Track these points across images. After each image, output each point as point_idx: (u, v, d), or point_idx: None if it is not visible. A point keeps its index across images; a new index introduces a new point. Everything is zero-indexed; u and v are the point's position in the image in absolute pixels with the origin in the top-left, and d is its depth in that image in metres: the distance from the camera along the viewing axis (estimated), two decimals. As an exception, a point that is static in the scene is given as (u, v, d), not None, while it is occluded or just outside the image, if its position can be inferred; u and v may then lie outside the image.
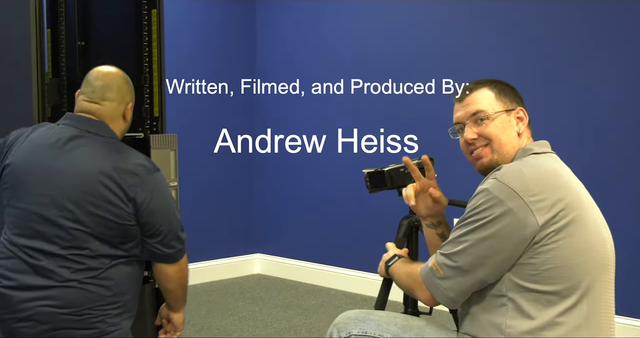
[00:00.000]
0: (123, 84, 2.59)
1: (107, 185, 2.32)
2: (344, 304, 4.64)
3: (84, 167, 2.35)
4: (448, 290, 1.89)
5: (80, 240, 2.32)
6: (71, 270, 2.31)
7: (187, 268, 2.58)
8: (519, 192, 1.79)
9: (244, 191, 5.58)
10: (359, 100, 4.88)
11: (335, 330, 2.10)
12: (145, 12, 3.36)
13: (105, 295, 2.34)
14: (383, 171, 2.67)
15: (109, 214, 2.32)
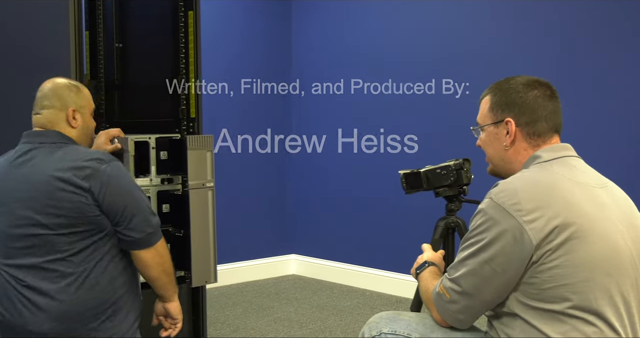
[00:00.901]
0: (63, 90, 2.55)
1: (60, 187, 2.32)
2: (378, 305, 4.62)
3: (37, 175, 2.36)
4: (456, 313, 1.90)
5: (52, 244, 2.33)
6: (51, 281, 2.32)
7: (166, 253, 2.50)
8: (512, 212, 1.76)
9: (280, 192, 5.59)
10: (397, 101, 4.87)
11: (367, 329, 2.13)
12: (181, 14, 3.38)
13: (91, 303, 2.34)
14: (419, 172, 2.66)
15: (72, 211, 2.32)
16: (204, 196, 3.26)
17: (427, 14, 4.69)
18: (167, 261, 2.50)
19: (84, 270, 2.34)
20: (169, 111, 3.39)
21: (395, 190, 3.42)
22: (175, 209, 3.30)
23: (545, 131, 1.94)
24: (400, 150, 4.81)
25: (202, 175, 3.25)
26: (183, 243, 3.26)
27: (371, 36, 5.04)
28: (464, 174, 2.59)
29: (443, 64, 4.58)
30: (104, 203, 2.35)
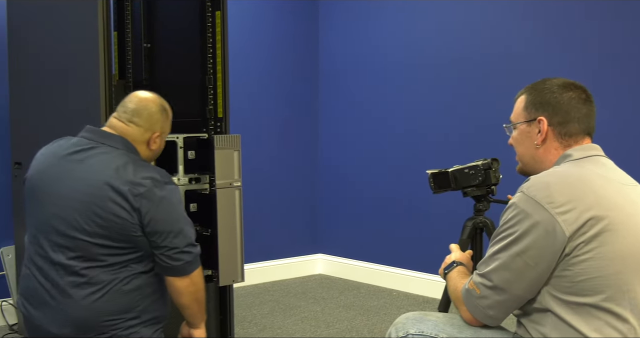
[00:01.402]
0: (155, 112, 2.56)
1: (112, 197, 2.32)
2: (405, 305, 4.60)
3: (93, 178, 2.36)
4: (487, 309, 1.89)
5: (84, 250, 2.34)
6: (77, 286, 2.34)
7: (201, 282, 2.49)
8: (544, 204, 1.76)
9: (307, 192, 5.60)
10: (423, 101, 4.85)
11: (394, 330, 2.12)
12: (209, 14, 3.40)
13: (111, 310, 2.34)
14: (447, 172, 2.64)
15: (114, 225, 2.32)
16: (231, 195, 3.27)
17: (453, 15, 4.66)
18: (200, 290, 2.49)
19: (112, 281, 2.35)
20: (196, 111, 3.41)
21: (423, 190, 3.42)
22: (203, 208, 3.32)
23: (577, 132, 1.95)
24: (428, 150, 4.79)
25: (229, 175, 3.27)
26: (210, 243, 3.27)
27: (397, 37, 5.02)
28: (493, 174, 2.57)
29: (469, 65, 4.55)
30: (148, 225, 2.35)
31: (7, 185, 4.06)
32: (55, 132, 3.41)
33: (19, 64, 3.80)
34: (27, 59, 3.73)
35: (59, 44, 3.47)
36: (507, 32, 4.38)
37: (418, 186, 4.70)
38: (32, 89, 3.68)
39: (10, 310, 4.12)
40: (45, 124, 3.59)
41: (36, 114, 3.68)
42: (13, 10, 3.81)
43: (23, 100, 3.77)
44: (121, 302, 2.35)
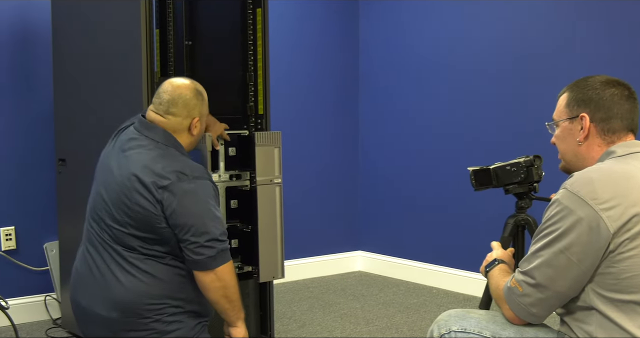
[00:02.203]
0: (191, 99, 2.58)
1: (137, 188, 2.38)
2: (446, 303, 4.58)
3: (126, 169, 2.43)
4: (529, 306, 1.87)
5: (120, 239, 2.42)
6: (119, 268, 2.41)
7: (229, 279, 2.47)
8: (588, 200, 1.74)
9: (347, 189, 5.59)
10: (464, 100, 4.81)
11: (436, 327, 2.11)
12: (250, 11, 3.41)
13: (154, 293, 2.39)
14: (489, 169, 2.62)
15: (140, 216, 2.38)
16: (271, 192, 3.28)
17: (491, 14, 4.61)
18: (229, 287, 2.47)
19: (153, 269, 2.41)
20: (237, 108, 3.42)
21: (464, 187, 3.39)
22: (243, 205, 3.33)
23: (619, 129, 1.94)
24: (470, 147, 4.76)
25: (269, 171, 3.28)
26: (251, 239, 3.29)
27: (437, 37, 4.98)
28: (535, 171, 2.54)
29: (510, 62, 4.50)
30: (170, 217, 2.38)
31: (52, 181, 4.13)
32: (98, 130, 3.47)
33: (63, 62, 3.86)
34: (71, 58, 3.78)
35: (102, 43, 3.51)
36: (549, 29, 4.32)
37: (459, 183, 4.67)
38: (76, 87, 3.73)
39: (54, 304, 4.19)
40: (88, 122, 3.64)
41: (79, 112, 3.73)
42: (57, 10, 3.87)
43: (67, 98, 3.83)
44: (164, 288, 2.41)
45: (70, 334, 3.89)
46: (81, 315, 2.50)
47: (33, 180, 4.19)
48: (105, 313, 2.40)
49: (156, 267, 2.41)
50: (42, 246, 4.20)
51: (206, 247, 2.39)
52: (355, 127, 5.58)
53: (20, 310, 4.01)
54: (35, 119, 4.19)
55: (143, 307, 2.37)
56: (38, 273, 4.20)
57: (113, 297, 2.38)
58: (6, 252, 4.10)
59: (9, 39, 4.11)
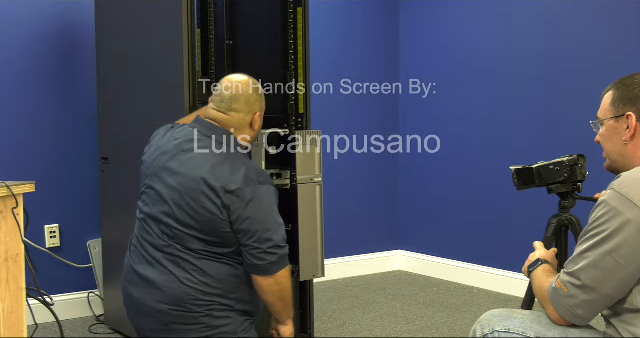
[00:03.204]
0: (252, 95, 2.61)
1: (205, 192, 2.39)
2: (487, 303, 4.54)
3: (193, 171, 2.43)
4: (575, 308, 1.85)
5: (180, 239, 2.44)
6: (174, 264, 2.43)
7: (287, 283, 2.51)
8: (637, 202, 1.71)
9: (388, 188, 5.57)
10: (505, 99, 4.77)
11: (479, 327, 2.10)
12: (290, 11, 3.42)
13: (207, 291, 2.41)
14: (531, 168, 2.59)
15: (205, 219, 2.39)
16: (312, 191, 3.28)
17: (532, 13, 4.56)
18: (285, 290, 2.52)
19: (209, 269, 2.43)
20: (278, 107, 3.43)
21: (506, 187, 3.36)
22: (284, 204, 3.33)
23: None
24: (512, 146, 4.71)
25: (310, 170, 3.28)
26: (291, 238, 3.29)
27: (478, 35, 4.94)
28: (579, 170, 2.50)
29: (552, 60, 4.45)
30: (236, 222, 2.40)
31: (95, 180, 4.18)
32: (140, 129, 3.50)
33: (106, 63, 3.91)
34: (114, 59, 3.83)
35: (144, 43, 3.55)
36: (590, 29, 4.26)
37: (501, 182, 4.62)
38: (118, 87, 3.77)
39: (97, 301, 4.24)
40: (131, 121, 3.68)
41: (122, 111, 3.77)
42: (101, 11, 3.91)
43: (110, 98, 3.87)
44: (218, 287, 2.43)
45: (113, 331, 3.94)
46: (133, 307, 2.53)
47: (77, 178, 4.25)
48: (156, 305, 2.43)
49: (213, 267, 2.43)
50: (86, 243, 4.25)
51: (268, 253, 2.42)
52: (396, 125, 5.56)
53: (64, 307, 4.07)
54: (80, 118, 4.25)
55: (194, 302, 2.40)
56: (81, 270, 4.26)
57: (166, 291, 2.41)
58: (50, 249, 4.16)
59: (54, 41, 4.17)
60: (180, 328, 2.42)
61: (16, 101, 4.07)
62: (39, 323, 3.09)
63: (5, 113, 4.04)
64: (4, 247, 2.32)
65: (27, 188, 2.38)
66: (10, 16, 4.04)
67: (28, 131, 4.10)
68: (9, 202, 2.32)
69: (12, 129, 4.05)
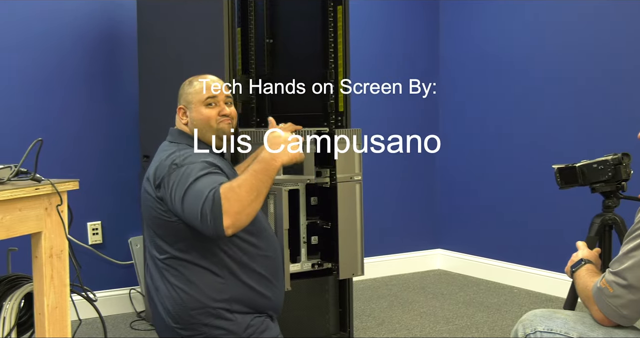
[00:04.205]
0: (180, 89, 2.70)
1: (146, 188, 2.43)
2: (527, 303, 4.50)
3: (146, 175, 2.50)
4: (620, 308, 1.83)
5: (150, 242, 2.46)
6: (160, 274, 2.44)
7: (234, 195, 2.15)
8: None
9: (427, 186, 5.55)
10: (545, 98, 4.71)
11: (521, 327, 2.08)
12: (330, 9, 3.42)
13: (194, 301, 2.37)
14: (574, 167, 2.56)
15: (154, 213, 2.39)
16: (351, 189, 3.28)
17: (577, 13, 4.49)
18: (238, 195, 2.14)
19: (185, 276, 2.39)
20: (317, 105, 3.43)
21: (549, 185, 3.32)
22: (324, 202, 3.35)
23: None
24: (554, 145, 4.65)
25: (350, 169, 3.28)
26: (331, 236, 3.30)
27: (518, 34, 4.89)
28: (623, 169, 2.47)
29: (594, 57, 4.39)
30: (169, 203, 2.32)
31: (137, 177, 4.23)
32: (182, 126, 3.52)
33: (147, 62, 3.95)
34: (155, 57, 3.86)
35: (185, 42, 3.57)
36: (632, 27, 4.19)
37: (542, 181, 4.57)
38: (159, 85, 3.81)
39: (138, 297, 4.29)
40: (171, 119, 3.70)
41: (162, 109, 3.80)
42: (142, 10, 3.95)
43: (150, 95, 3.91)
44: (202, 293, 2.37)
45: (153, 327, 3.98)
46: (153, 317, 2.57)
47: (119, 176, 4.30)
48: (164, 318, 2.44)
49: (190, 272, 2.38)
50: (127, 241, 4.30)
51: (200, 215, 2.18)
52: (435, 124, 5.53)
53: (106, 303, 4.13)
54: (122, 117, 4.30)
55: (188, 313, 2.37)
56: (123, 267, 4.31)
57: (162, 306, 2.43)
58: (93, 246, 4.22)
59: (96, 40, 4.23)
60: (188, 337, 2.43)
61: (61, 101, 4.14)
62: (82, 319, 3.13)
63: (50, 112, 4.10)
64: (48, 243, 2.35)
65: (71, 186, 2.41)
66: (57, 19, 4.10)
67: (72, 130, 4.16)
68: (53, 199, 2.35)
69: (57, 128, 4.11)
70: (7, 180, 2.22)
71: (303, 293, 3.31)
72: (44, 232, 2.34)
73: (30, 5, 4.03)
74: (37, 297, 2.38)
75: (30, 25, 4.04)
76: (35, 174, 2.30)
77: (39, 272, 2.36)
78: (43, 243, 2.34)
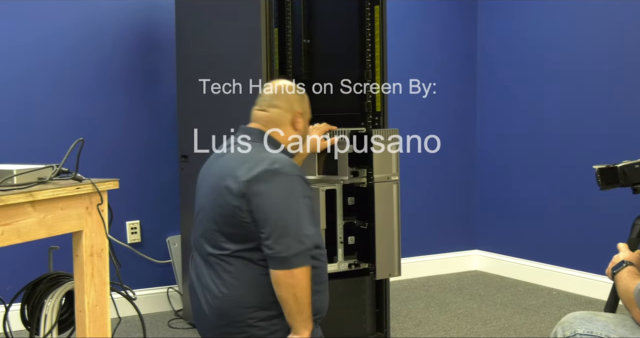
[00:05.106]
0: (292, 94, 2.62)
1: (229, 186, 2.36)
2: (567, 305, 4.45)
3: (221, 171, 2.44)
4: None
5: (207, 237, 2.44)
6: (216, 275, 2.41)
7: (303, 280, 2.33)
8: None
9: (464, 187, 5.51)
10: (584, 99, 4.66)
11: (560, 329, 2.06)
12: (367, 9, 3.42)
13: (245, 300, 2.37)
14: (616, 167, 2.52)
15: (230, 211, 2.35)
16: (388, 189, 3.28)
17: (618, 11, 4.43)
18: (300, 287, 2.33)
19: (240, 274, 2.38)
20: (354, 105, 3.43)
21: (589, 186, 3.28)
22: (360, 202, 3.34)
23: None
24: (594, 145, 4.60)
25: (387, 169, 3.27)
26: (367, 236, 3.30)
27: (557, 33, 4.84)
28: None
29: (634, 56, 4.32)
30: (253, 212, 2.34)
31: (175, 177, 4.26)
32: (218, 127, 3.55)
33: (186, 62, 3.98)
34: (193, 57, 3.89)
35: (223, 42, 3.60)
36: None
37: (582, 181, 4.52)
38: (197, 85, 3.83)
39: (176, 296, 4.32)
40: (209, 119, 3.73)
41: (201, 110, 3.83)
42: (181, 10, 3.99)
43: (189, 96, 3.94)
44: (254, 293, 2.37)
45: (191, 326, 4.01)
46: (194, 315, 2.57)
47: (157, 176, 4.35)
48: (208, 315, 2.44)
49: (248, 271, 2.38)
50: (165, 240, 4.34)
51: (284, 245, 2.31)
52: (473, 124, 5.49)
53: (144, 301, 4.16)
54: (160, 117, 4.34)
55: (236, 312, 2.37)
56: (161, 265, 4.35)
57: (212, 304, 2.41)
58: (131, 244, 4.26)
59: (135, 39, 4.27)
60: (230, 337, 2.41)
61: (100, 103, 4.19)
62: (121, 317, 3.16)
63: (90, 114, 4.15)
64: (89, 242, 2.38)
65: (111, 185, 2.44)
66: (96, 18, 4.16)
67: (111, 131, 4.21)
68: (94, 198, 2.38)
69: (97, 129, 4.16)
70: (49, 179, 2.25)
71: (340, 293, 3.31)
72: (85, 230, 2.37)
73: (74, 9, 4.09)
74: (77, 295, 2.41)
75: (73, 28, 4.11)
76: (77, 174, 2.33)
77: (80, 270, 2.38)
78: (84, 241, 2.37)
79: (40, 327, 2.65)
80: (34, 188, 2.12)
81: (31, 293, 2.73)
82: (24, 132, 4.00)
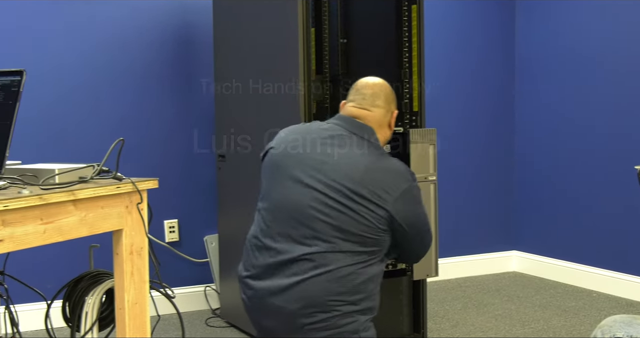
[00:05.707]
0: (390, 93, 2.63)
1: (356, 190, 2.33)
2: (607, 308, 4.39)
3: (351, 162, 2.39)
4: None
5: (323, 233, 2.34)
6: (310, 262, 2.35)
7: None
8: None
9: (502, 187, 5.46)
10: (624, 99, 4.59)
11: (599, 332, 2.03)
12: (405, 8, 3.41)
13: (337, 291, 2.34)
14: (658, 167, 2.49)
15: (359, 212, 2.32)
16: (426, 189, 3.26)
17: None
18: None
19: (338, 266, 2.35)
20: (392, 105, 3.42)
21: (630, 186, 3.24)
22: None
23: None
24: (636, 145, 4.53)
25: (424, 169, 3.26)
26: (405, 236, 3.28)
27: (599, 30, 4.78)
28: None
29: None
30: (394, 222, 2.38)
31: (212, 176, 4.29)
32: (256, 126, 3.57)
33: (223, 62, 4.00)
34: (230, 57, 3.92)
35: (260, 42, 3.61)
36: None
37: (623, 182, 4.46)
38: (235, 85, 3.86)
39: (214, 295, 4.35)
40: (247, 119, 3.75)
41: (238, 110, 3.85)
42: (218, 11, 4.01)
43: (226, 96, 3.96)
44: (347, 286, 2.34)
45: (229, 324, 4.03)
46: (257, 304, 2.51)
47: (195, 175, 4.38)
48: (283, 304, 2.40)
49: (345, 264, 2.35)
50: (203, 239, 4.37)
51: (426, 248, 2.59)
52: (511, 123, 5.44)
53: (181, 300, 4.19)
54: (198, 116, 4.37)
55: (324, 301, 2.33)
56: (198, 264, 4.38)
57: (298, 291, 2.35)
58: (170, 243, 4.30)
59: (172, 40, 4.31)
60: (306, 328, 2.37)
61: (140, 101, 4.24)
62: (160, 315, 3.19)
63: (130, 112, 4.20)
64: (129, 240, 2.40)
65: (150, 185, 2.46)
66: (131, 18, 4.20)
67: (150, 130, 4.26)
68: (134, 197, 2.40)
69: (136, 128, 4.21)
70: (90, 178, 2.28)
71: (377, 293, 3.30)
72: (125, 229, 2.39)
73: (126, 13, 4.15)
74: (117, 292, 2.43)
75: (113, 29, 4.15)
76: (117, 173, 2.36)
77: (120, 269, 2.41)
78: (124, 240, 2.39)
79: (81, 324, 2.69)
80: (75, 187, 2.15)
81: (72, 290, 2.77)
82: (82, 133, 4.12)
